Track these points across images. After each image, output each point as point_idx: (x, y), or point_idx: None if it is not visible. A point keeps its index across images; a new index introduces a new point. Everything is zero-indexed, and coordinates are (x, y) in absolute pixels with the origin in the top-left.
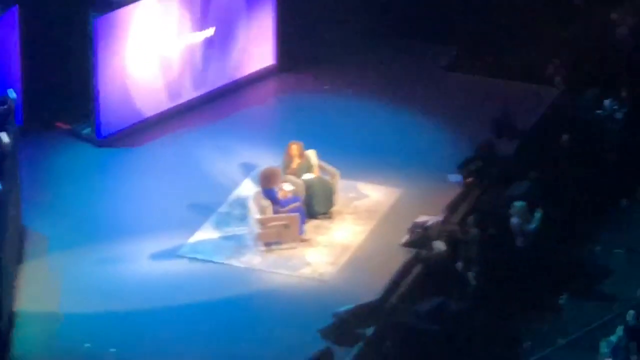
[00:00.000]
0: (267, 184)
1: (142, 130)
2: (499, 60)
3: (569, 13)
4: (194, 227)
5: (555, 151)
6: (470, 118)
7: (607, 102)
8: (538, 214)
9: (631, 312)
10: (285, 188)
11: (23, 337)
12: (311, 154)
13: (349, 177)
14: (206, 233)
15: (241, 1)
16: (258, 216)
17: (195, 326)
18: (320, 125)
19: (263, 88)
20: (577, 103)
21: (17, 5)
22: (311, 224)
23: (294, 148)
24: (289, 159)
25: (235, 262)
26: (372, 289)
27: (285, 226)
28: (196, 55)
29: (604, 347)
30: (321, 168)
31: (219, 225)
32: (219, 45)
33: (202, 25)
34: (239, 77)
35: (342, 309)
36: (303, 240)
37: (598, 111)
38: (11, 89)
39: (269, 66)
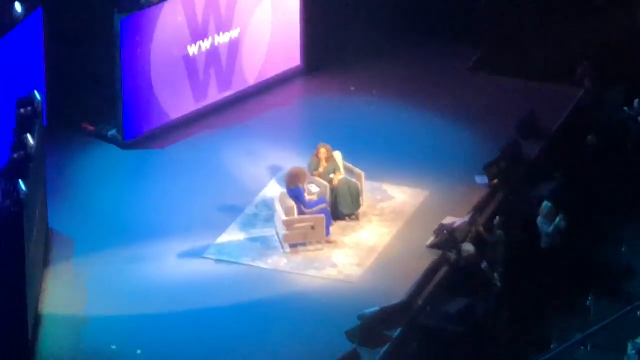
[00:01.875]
0: (293, 183)
1: (168, 131)
2: (523, 60)
3: (594, 12)
4: (220, 228)
5: (581, 151)
6: (496, 119)
7: (636, 101)
8: (558, 218)
9: None
10: (311, 189)
11: (49, 339)
12: (337, 155)
13: (375, 179)
14: (232, 234)
15: (266, 2)
16: (284, 217)
17: (221, 328)
18: (345, 126)
19: (289, 89)
20: (602, 103)
21: (42, 6)
22: (337, 225)
23: (323, 151)
24: (316, 161)
25: (261, 264)
26: (398, 290)
27: (311, 227)
28: (221, 56)
29: (630, 349)
30: (347, 169)
31: (245, 226)
32: (244, 47)
33: (227, 26)
34: (265, 79)
35: (368, 310)
36: (329, 242)
37: (624, 109)
38: (36, 90)
39: (295, 67)
